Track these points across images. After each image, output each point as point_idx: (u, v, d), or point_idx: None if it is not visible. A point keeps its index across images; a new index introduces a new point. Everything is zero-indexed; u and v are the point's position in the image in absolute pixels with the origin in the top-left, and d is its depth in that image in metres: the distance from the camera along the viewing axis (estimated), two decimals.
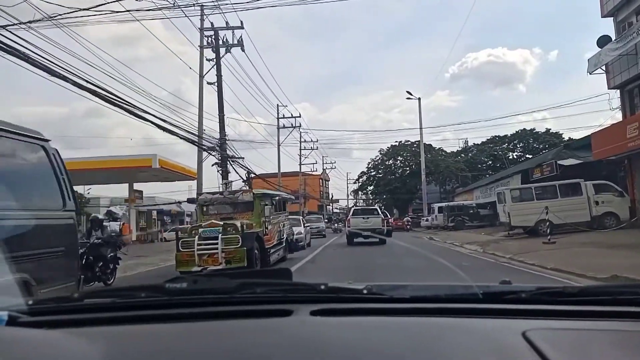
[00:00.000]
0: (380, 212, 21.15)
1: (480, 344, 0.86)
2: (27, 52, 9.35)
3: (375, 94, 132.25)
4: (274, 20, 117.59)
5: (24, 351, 0.83)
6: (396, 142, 48.62)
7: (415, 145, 46.74)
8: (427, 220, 36.20)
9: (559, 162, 20.45)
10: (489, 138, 54.37)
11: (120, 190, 30.57)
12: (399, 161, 48.29)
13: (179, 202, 48.36)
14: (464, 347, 0.85)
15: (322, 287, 1.12)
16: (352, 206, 34.79)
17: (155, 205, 38.08)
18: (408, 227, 36.91)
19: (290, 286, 1.20)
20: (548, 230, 14.42)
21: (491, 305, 1.06)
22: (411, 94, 39.21)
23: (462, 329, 0.93)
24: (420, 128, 38.84)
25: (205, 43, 24.95)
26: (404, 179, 45.93)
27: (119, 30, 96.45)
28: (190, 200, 29.67)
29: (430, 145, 46.73)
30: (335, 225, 43.21)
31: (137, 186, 30.92)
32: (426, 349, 0.85)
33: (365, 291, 1.11)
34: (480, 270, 9.92)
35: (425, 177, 39.44)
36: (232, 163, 23.64)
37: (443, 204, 33.64)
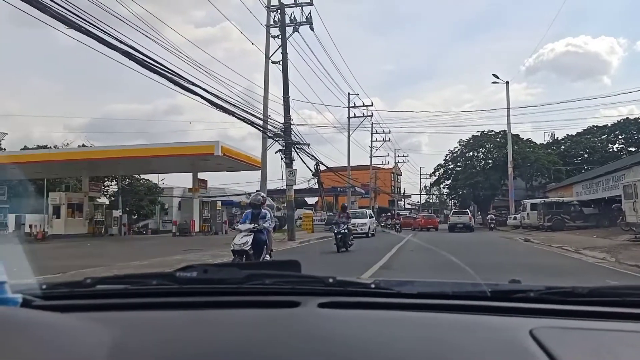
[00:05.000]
0: (469, 213, 34.82)
1: (488, 341, 0.85)
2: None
3: (446, 89, 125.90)
4: (343, 16, 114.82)
5: (37, 332, 0.84)
6: (478, 132, 44.30)
7: (499, 136, 42.28)
8: (514, 218, 32.20)
9: None
10: (585, 129, 48.61)
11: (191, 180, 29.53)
12: (481, 153, 43.84)
13: (249, 194, 47.63)
14: (471, 343, 0.84)
15: (331, 280, 1.12)
16: (450, 207, 41.69)
17: (221, 196, 37.12)
18: (492, 225, 33.00)
19: (299, 278, 1.18)
20: None
21: (499, 303, 1.03)
22: (498, 77, 35.18)
23: (469, 326, 0.92)
24: (508, 115, 34.63)
25: (272, 22, 23.21)
26: (487, 173, 41.51)
27: (198, 33, 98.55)
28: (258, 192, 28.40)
29: (518, 135, 41.93)
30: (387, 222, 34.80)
31: (202, 176, 29.91)
32: (432, 344, 0.84)
33: (373, 285, 1.11)
34: None
35: (512, 170, 35.16)
36: (297, 150, 21.55)
37: (538, 201, 29.33)
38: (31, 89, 79.72)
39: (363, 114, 40.72)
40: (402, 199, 75.69)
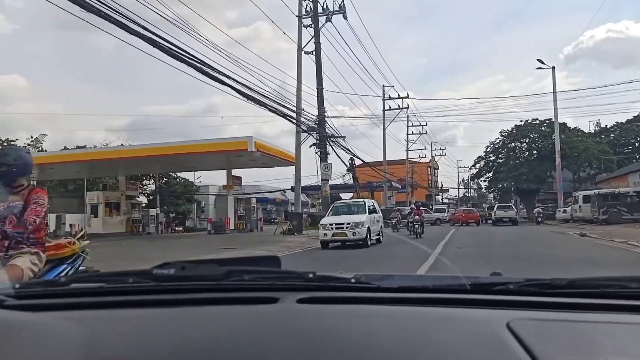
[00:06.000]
0: (514, 207, 35.42)
1: (465, 334, 0.85)
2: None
3: (483, 79, 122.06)
4: (376, 9, 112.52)
5: (10, 333, 0.83)
6: (521, 121, 42.19)
7: (544, 125, 40.15)
8: (564, 211, 30.37)
9: None
10: (635, 115, 45.74)
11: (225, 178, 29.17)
12: (524, 143, 41.74)
13: (283, 190, 47.24)
14: (449, 335, 0.85)
15: (310, 275, 1.11)
16: (495, 203, 42.82)
17: (256, 193, 36.80)
18: (539, 219, 31.25)
19: (278, 274, 1.16)
20: None
21: (478, 295, 1.03)
22: (543, 62, 33.28)
23: (447, 319, 0.92)
24: (555, 101, 32.71)
25: (304, 12, 22.57)
26: (532, 164, 39.43)
27: (231, 33, 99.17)
28: (293, 188, 27.89)
29: (564, 124, 39.68)
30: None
31: (236, 173, 29.54)
32: (412, 337, 0.85)
33: (353, 280, 1.10)
34: None
35: (560, 161, 33.21)
36: (331, 143, 20.74)
37: (591, 192, 27.50)
38: (73, 92, 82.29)
39: (399, 106, 39.60)
40: (440, 193, 73.78)
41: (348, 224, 13.97)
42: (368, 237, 14.09)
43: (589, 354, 0.78)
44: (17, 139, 38.93)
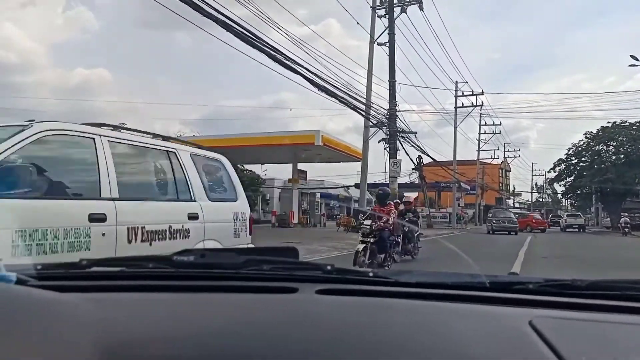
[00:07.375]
0: (581, 215, 40.55)
1: (487, 329, 0.85)
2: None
3: (561, 79, 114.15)
4: (447, 3, 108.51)
5: (33, 309, 0.84)
6: (608, 122, 38.75)
7: (634, 127, 36.67)
8: None
9: None
10: None
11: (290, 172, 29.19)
12: (612, 147, 38.31)
13: (347, 187, 46.82)
14: (470, 330, 0.84)
15: (329, 267, 1.13)
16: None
17: (320, 188, 36.59)
18: (626, 230, 28.57)
19: (297, 265, 1.17)
20: None
21: (498, 294, 1.03)
22: (637, 59, 30.21)
23: (468, 314, 0.92)
24: None
25: (378, 3, 21.90)
26: (619, 170, 36.06)
27: (300, 31, 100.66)
28: (357, 185, 27.33)
29: None
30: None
31: (302, 167, 29.43)
32: (431, 331, 0.85)
33: (371, 274, 1.13)
34: None
35: None
36: (401, 140, 19.86)
37: None
38: (155, 86, 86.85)
39: (472, 103, 37.72)
40: (512, 197, 70.11)
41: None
42: None
43: (613, 354, 0.78)
44: None
